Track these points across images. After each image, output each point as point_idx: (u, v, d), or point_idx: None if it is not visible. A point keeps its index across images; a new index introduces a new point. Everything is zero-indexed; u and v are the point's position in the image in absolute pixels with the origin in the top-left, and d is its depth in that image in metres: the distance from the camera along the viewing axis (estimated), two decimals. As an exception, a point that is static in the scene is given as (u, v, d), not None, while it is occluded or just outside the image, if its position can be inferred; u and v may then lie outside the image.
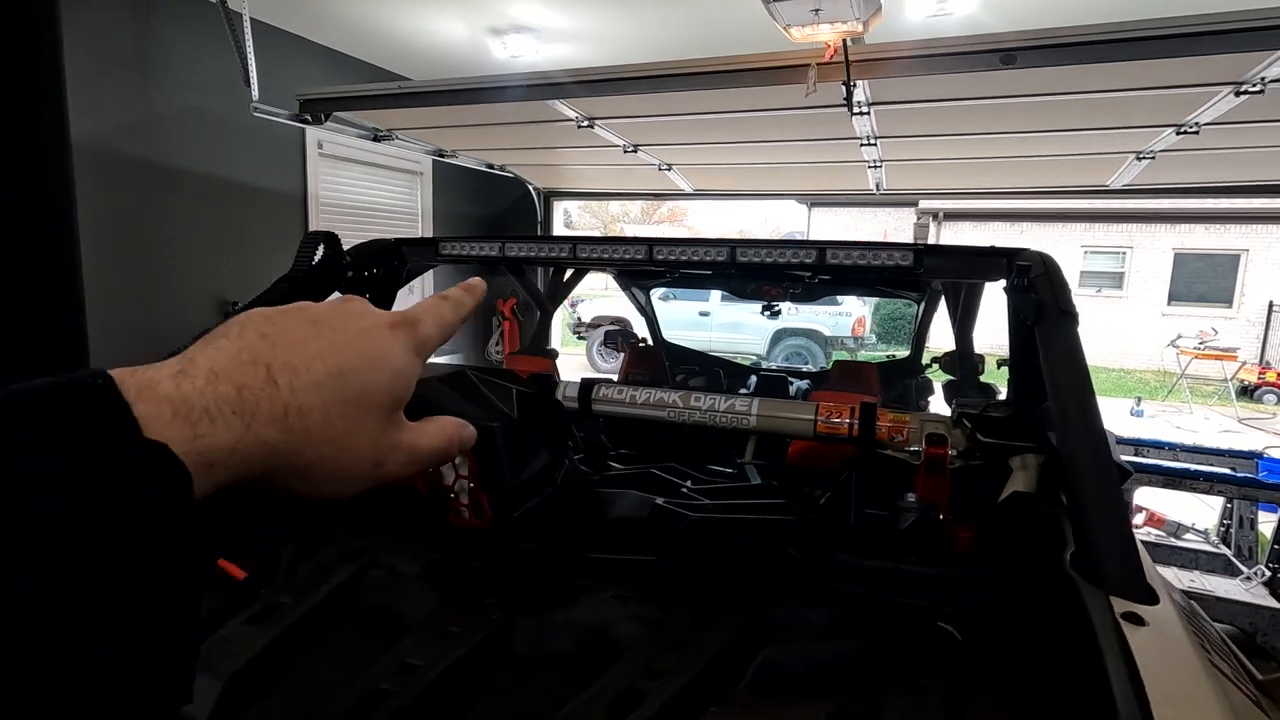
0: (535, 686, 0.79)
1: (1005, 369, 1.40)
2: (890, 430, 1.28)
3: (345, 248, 1.70)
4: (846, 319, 11.47)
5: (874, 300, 12.74)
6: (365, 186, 5.27)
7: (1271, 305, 13.68)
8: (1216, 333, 11.87)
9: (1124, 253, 15.07)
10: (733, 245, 1.44)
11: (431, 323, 0.42)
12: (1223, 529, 4.29)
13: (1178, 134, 3.32)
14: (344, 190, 5.08)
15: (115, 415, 0.28)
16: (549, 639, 0.87)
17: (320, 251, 1.58)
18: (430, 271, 6.08)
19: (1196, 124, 3.18)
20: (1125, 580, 0.72)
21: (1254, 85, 2.64)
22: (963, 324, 2.13)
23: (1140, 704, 0.54)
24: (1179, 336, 11.74)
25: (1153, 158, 3.82)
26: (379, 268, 1.74)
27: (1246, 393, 11.53)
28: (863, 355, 11.92)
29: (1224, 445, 5.14)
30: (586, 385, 1.53)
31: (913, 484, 1.22)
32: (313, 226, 4.82)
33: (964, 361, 2.21)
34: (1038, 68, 2.51)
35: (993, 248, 1.31)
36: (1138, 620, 0.65)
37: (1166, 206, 13.58)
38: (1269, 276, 13.88)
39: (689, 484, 1.38)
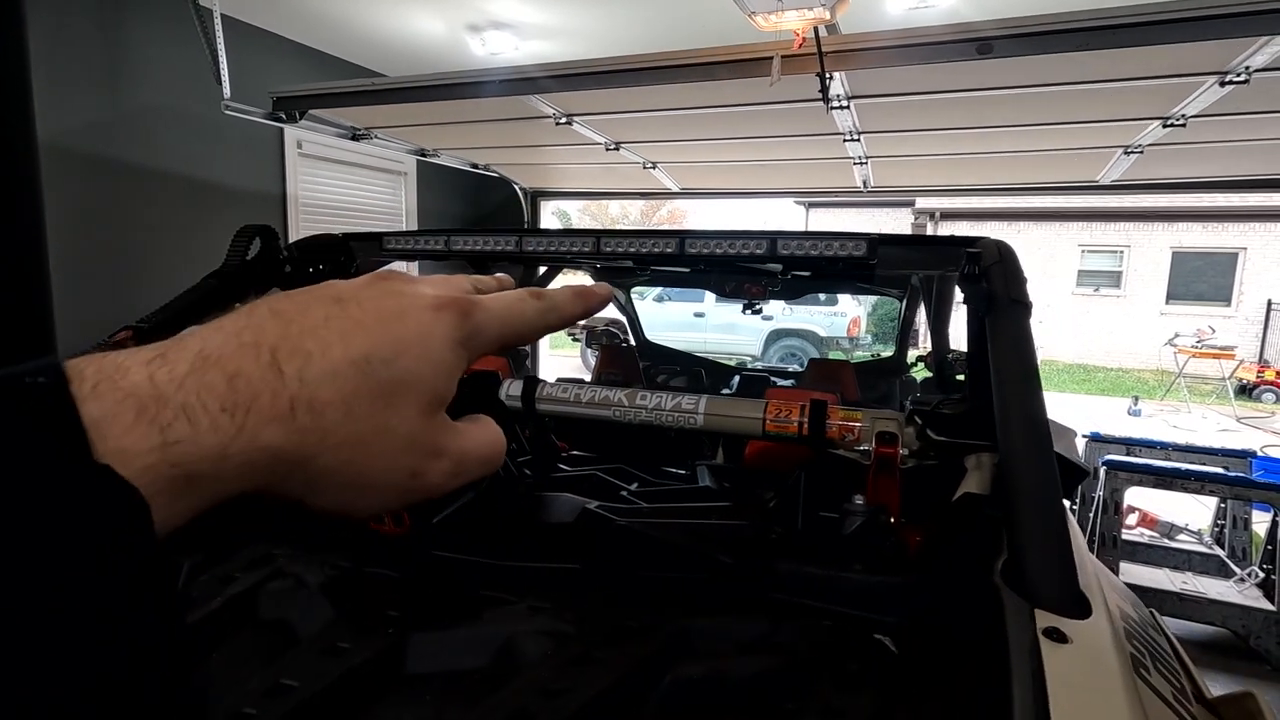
0: (418, 708, 0.72)
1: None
2: (841, 429, 1.21)
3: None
4: (842, 319, 11.42)
5: (870, 301, 12.69)
6: (348, 186, 5.22)
7: (1270, 304, 13.61)
8: (1214, 331, 11.80)
9: (1121, 252, 15.00)
10: (682, 237, 1.37)
11: (495, 313, 0.33)
12: (1216, 529, 4.22)
13: (1164, 127, 3.26)
14: (325, 190, 5.02)
15: (50, 425, 0.21)
16: (445, 655, 0.81)
17: (256, 246, 1.51)
18: (404, 267, 5.94)
19: (1183, 116, 3.12)
20: (1053, 591, 0.66)
21: (1238, 75, 2.58)
22: (937, 319, 2.07)
23: None
24: (1176, 335, 11.67)
25: (1140, 152, 3.75)
26: (323, 264, 1.68)
27: (1245, 391, 11.45)
28: (858, 355, 11.87)
29: (1217, 444, 5.08)
30: (530, 384, 1.47)
31: (864, 486, 1.15)
32: (293, 228, 4.77)
33: (939, 358, 2.14)
34: (1017, 57, 2.45)
35: (949, 236, 1.24)
36: (1059, 637, 0.59)
37: (1163, 204, 13.53)
38: (1267, 275, 13.81)
39: (634, 487, 1.32)
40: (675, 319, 11.23)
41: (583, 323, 13.10)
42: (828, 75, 2.59)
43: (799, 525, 1.17)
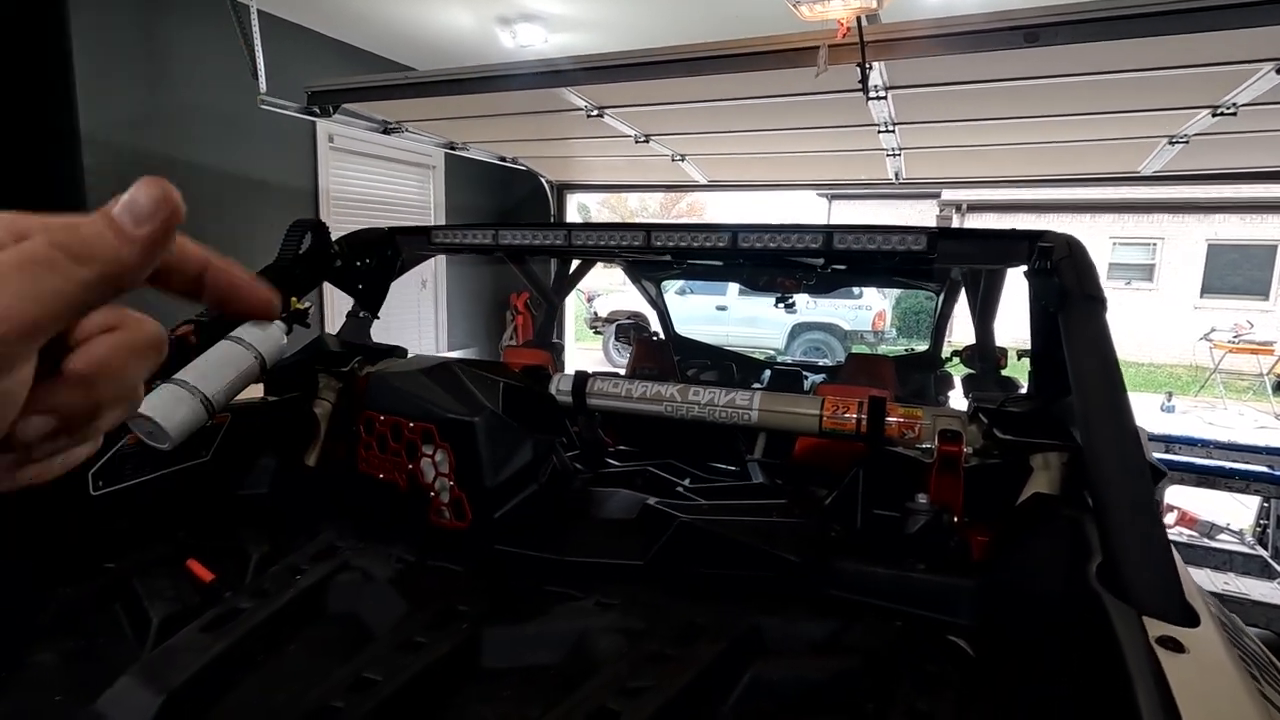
0: (499, 704, 0.73)
1: (1027, 361, 1.32)
2: (901, 426, 1.20)
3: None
4: (866, 313, 11.30)
5: (894, 294, 12.54)
6: (377, 180, 5.26)
7: (1311, 297, 13.22)
8: (1252, 326, 11.49)
9: (1155, 244, 14.66)
10: (734, 230, 1.36)
11: None
12: (1259, 529, 4.12)
13: (1214, 116, 3.16)
14: (356, 184, 5.07)
15: None
16: (520, 651, 0.81)
17: (307, 241, 1.52)
18: (442, 262, 5.99)
19: (1234, 104, 3.03)
20: (1160, 598, 0.64)
21: (1296, 61, 2.49)
22: (983, 315, 2.03)
23: None
24: (1212, 330, 11.38)
25: (1186, 142, 3.65)
26: (370, 258, 1.69)
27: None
28: (883, 350, 11.74)
29: (1261, 442, 4.95)
30: (580, 379, 1.46)
31: (925, 484, 1.13)
32: (325, 220, 4.82)
33: (984, 354, 2.11)
34: (1063, 45, 2.39)
35: (1013, 230, 1.22)
36: (1176, 646, 0.57)
37: (1200, 195, 13.16)
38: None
39: (686, 482, 1.31)
40: (697, 312, 11.18)
41: (605, 314, 13.09)
42: (868, 65, 2.55)
43: (858, 523, 1.16)
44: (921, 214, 16.04)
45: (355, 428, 1.22)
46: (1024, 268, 1.24)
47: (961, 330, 3.58)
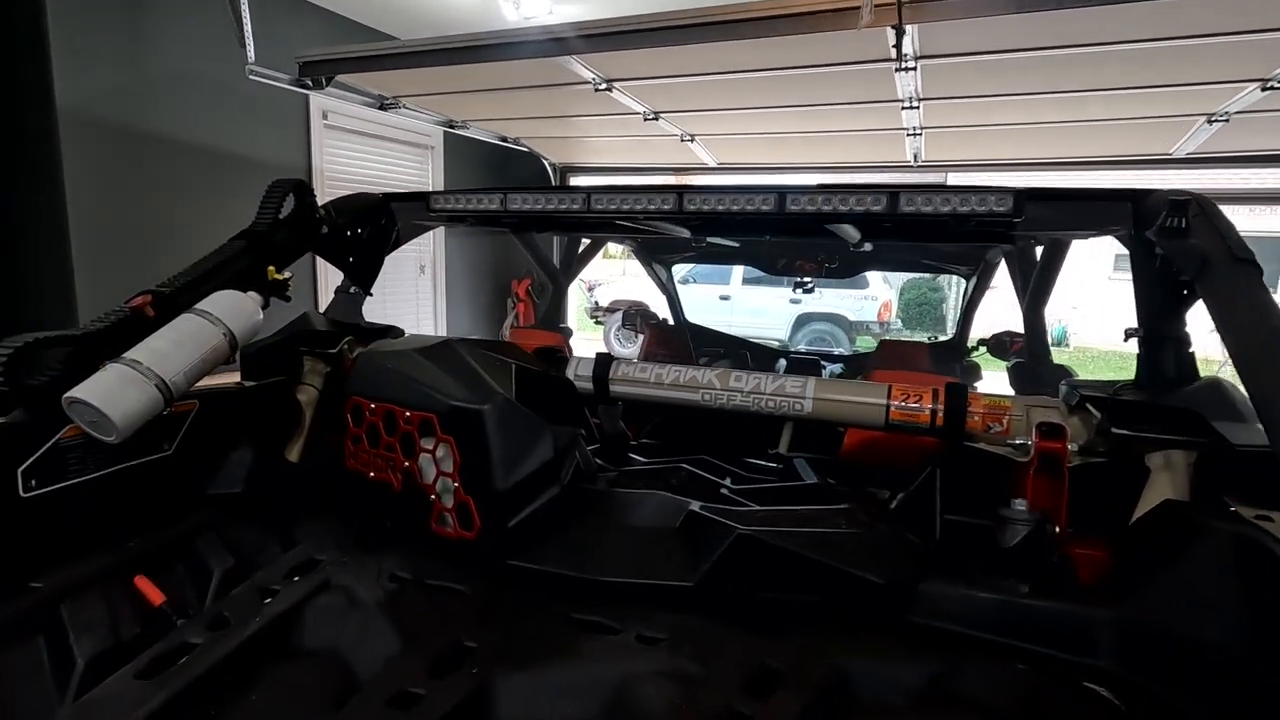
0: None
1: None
2: (985, 418, 1.02)
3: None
4: (872, 303, 11.12)
5: (899, 285, 12.35)
6: (374, 160, 5.06)
7: (1322, 290, 13.05)
8: (1263, 318, 11.34)
9: (1162, 235, 14.45)
10: (782, 192, 1.17)
11: None
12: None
13: (1264, 90, 2.97)
14: (351, 163, 4.86)
15: None
16: (545, 706, 0.63)
17: (290, 204, 1.34)
18: (440, 246, 5.77)
19: (1287, 77, 2.83)
20: None
21: (1369, 26, 2.30)
22: (1035, 297, 1.85)
23: None
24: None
25: (1226, 120, 3.45)
26: (363, 227, 1.50)
27: None
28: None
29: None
30: (603, 362, 1.28)
31: (1017, 487, 0.95)
32: (319, 201, 4.61)
33: (1034, 341, 1.92)
34: (1108, 5, 2.20)
35: (1114, 190, 1.03)
36: None
37: (1222, 185, 12.91)
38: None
39: (728, 482, 1.13)
40: (700, 302, 10.99)
41: (607, 304, 12.96)
42: (903, 28, 2.36)
43: (936, 533, 0.98)
44: (926, 203, 15.78)
45: (343, 416, 1.04)
46: (1126, 234, 1.06)
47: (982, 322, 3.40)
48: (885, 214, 1.13)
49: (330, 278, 4.55)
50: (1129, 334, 1.05)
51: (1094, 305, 14.49)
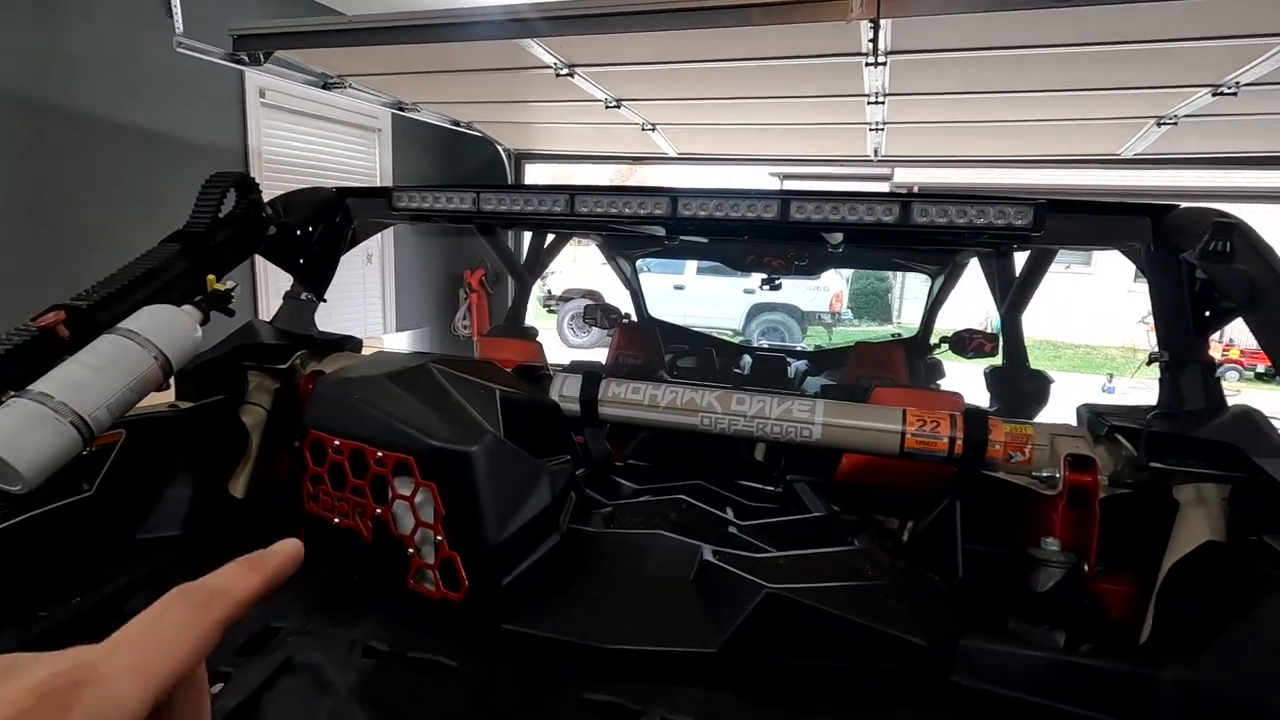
0: None
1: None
2: (1007, 447, 0.96)
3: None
4: (824, 294, 11.26)
5: (849, 274, 12.54)
6: (317, 142, 4.76)
7: (1235, 283, 13.88)
8: (1185, 310, 11.97)
9: (1094, 229, 15.12)
10: (786, 199, 1.09)
11: (125, 669, 0.23)
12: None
13: (1214, 95, 3.05)
14: (292, 146, 4.57)
15: None
16: None
17: (230, 201, 1.18)
18: (389, 233, 5.48)
19: (1237, 84, 2.91)
20: None
21: (1321, 36, 2.36)
22: (1014, 302, 1.82)
23: None
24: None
25: (1175, 123, 3.55)
26: (315, 224, 1.35)
27: (1265, 377, 11.69)
28: (839, 331, 11.76)
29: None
30: (591, 382, 1.17)
31: (1042, 521, 0.90)
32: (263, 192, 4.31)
33: (1012, 344, 1.91)
34: (1087, 5, 2.20)
35: (1134, 204, 0.98)
36: None
37: (1163, 185, 13.55)
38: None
39: (731, 514, 1.05)
40: (655, 290, 10.92)
41: (559, 292, 12.74)
42: (880, 20, 2.30)
43: (959, 571, 0.92)
44: (874, 195, 16.08)
45: (300, 450, 0.91)
46: (1139, 249, 1.01)
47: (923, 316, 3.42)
48: (897, 224, 1.06)
49: (274, 282, 4.27)
50: (1152, 358, 1.01)
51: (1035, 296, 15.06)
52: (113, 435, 0.98)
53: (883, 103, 3.56)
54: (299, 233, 1.34)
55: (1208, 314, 0.97)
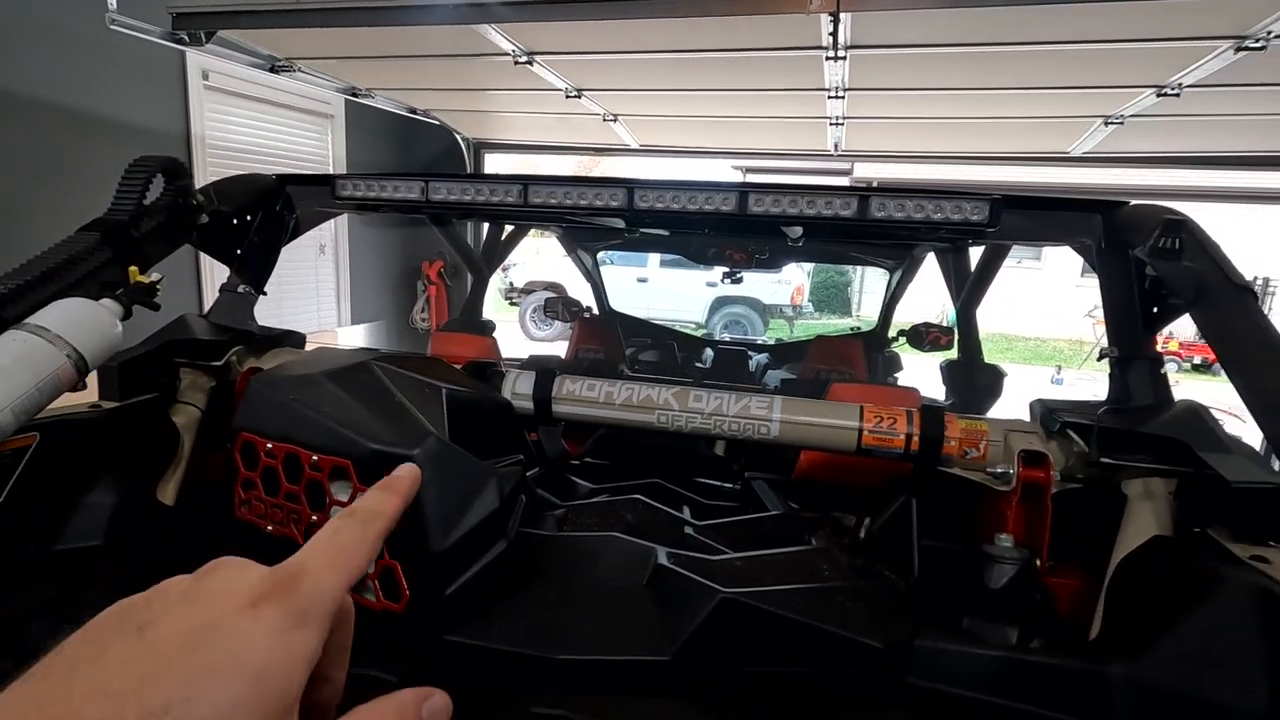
0: None
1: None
2: (962, 443, 0.96)
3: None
4: (786, 287, 11.37)
5: (810, 267, 12.69)
6: (265, 128, 4.58)
7: (1174, 278, 14.48)
8: (1128, 304, 12.43)
9: (1044, 225, 15.59)
10: (744, 191, 1.07)
11: (325, 567, 0.30)
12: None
13: (1158, 96, 3.15)
14: (239, 131, 4.39)
15: None
16: None
17: (157, 187, 1.10)
18: (343, 223, 5.30)
19: (1179, 85, 3.01)
20: None
21: (1257, 40, 2.45)
22: (969, 297, 1.85)
23: None
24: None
25: (1121, 123, 3.66)
26: (253, 214, 1.28)
27: (1202, 368, 12.17)
28: (800, 324, 11.89)
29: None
30: (545, 379, 1.14)
31: (995, 516, 0.90)
32: (200, 173, 4.13)
33: (967, 338, 1.93)
34: (1043, 4, 2.25)
35: (1085, 200, 0.99)
36: None
37: (1112, 182, 14.04)
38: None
39: (688, 514, 1.03)
40: (618, 283, 10.88)
41: (521, 285, 12.55)
42: (840, 13, 2.30)
43: (915, 568, 0.91)
44: (835, 190, 16.29)
45: (231, 453, 0.85)
46: (1089, 245, 1.02)
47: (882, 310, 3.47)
48: (855, 219, 1.05)
49: (222, 276, 4.11)
50: (1103, 354, 1.02)
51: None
52: (24, 439, 0.91)
53: (842, 97, 3.58)
54: (235, 222, 1.26)
55: (1156, 310, 0.99)
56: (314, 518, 0.77)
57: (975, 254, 2.57)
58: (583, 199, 1.14)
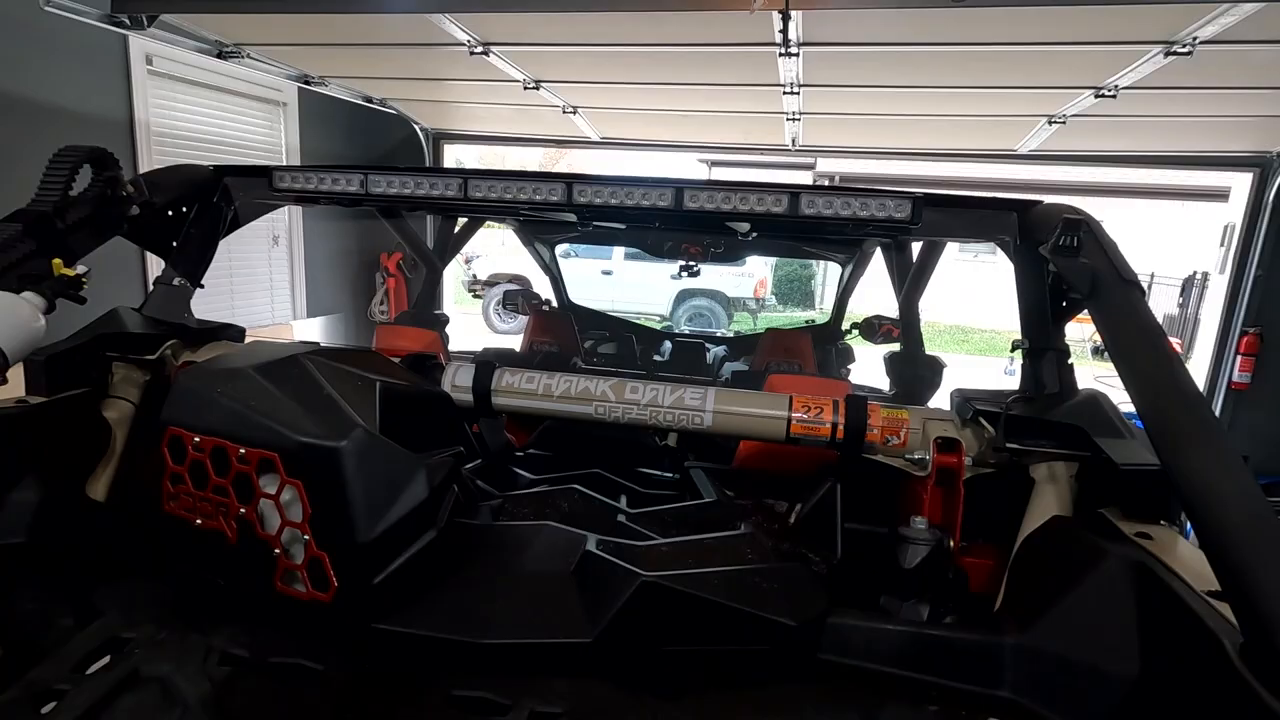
0: None
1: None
2: (884, 431, 1.00)
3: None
4: (749, 280, 11.49)
5: (773, 261, 12.84)
6: (214, 116, 4.46)
7: (1121, 272, 15.03)
8: (1078, 297, 12.88)
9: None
10: (679, 186, 1.09)
11: None
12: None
13: (1096, 97, 3.27)
14: (185, 119, 4.26)
15: None
16: None
17: (84, 179, 1.08)
18: (297, 214, 5.22)
19: (1115, 87, 3.13)
20: None
21: (1184, 46, 2.56)
22: (910, 290, 1.91)
23: None
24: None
25: (1063, 122, 3.79)
26: (188, 205, 1.26)
27: (1098, 353, 12.64)
28: (763, 317, 12.03)
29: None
30: (484, 372, 1.15)
31: (914, 500, 0.94)
32: (144, 162, 4.00)
33: (909, 331, 2.00)
34: (983, 7, 2.32)
35: (1001, 198, 1.04)
36: None
37: (1049, 179, 14.41)
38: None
39: (624, 503, 1.05)
40: (583, 276, 10.87)
41: (485, 277, 12.48)
42: (789, 13, 2.34)
43: (838, 550, 0.96)
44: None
45: (159, 448, 0.85)
46: (1009, 242, 1.07)
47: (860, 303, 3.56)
48: (786, 215, 1.08)
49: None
50: (1014, 345, 1.08)
51: (943, 284, 15.86)
52: (-56, 434, 0.89)
53: (797, 93, 3.63)
54: (170, 214, 1.24)
55: (1064, 304, 1.04)
56: (241, 510, 0.77)
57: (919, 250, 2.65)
58: (522, 193, 1.15)
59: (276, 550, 0.76)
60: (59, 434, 1.04)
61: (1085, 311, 1.07)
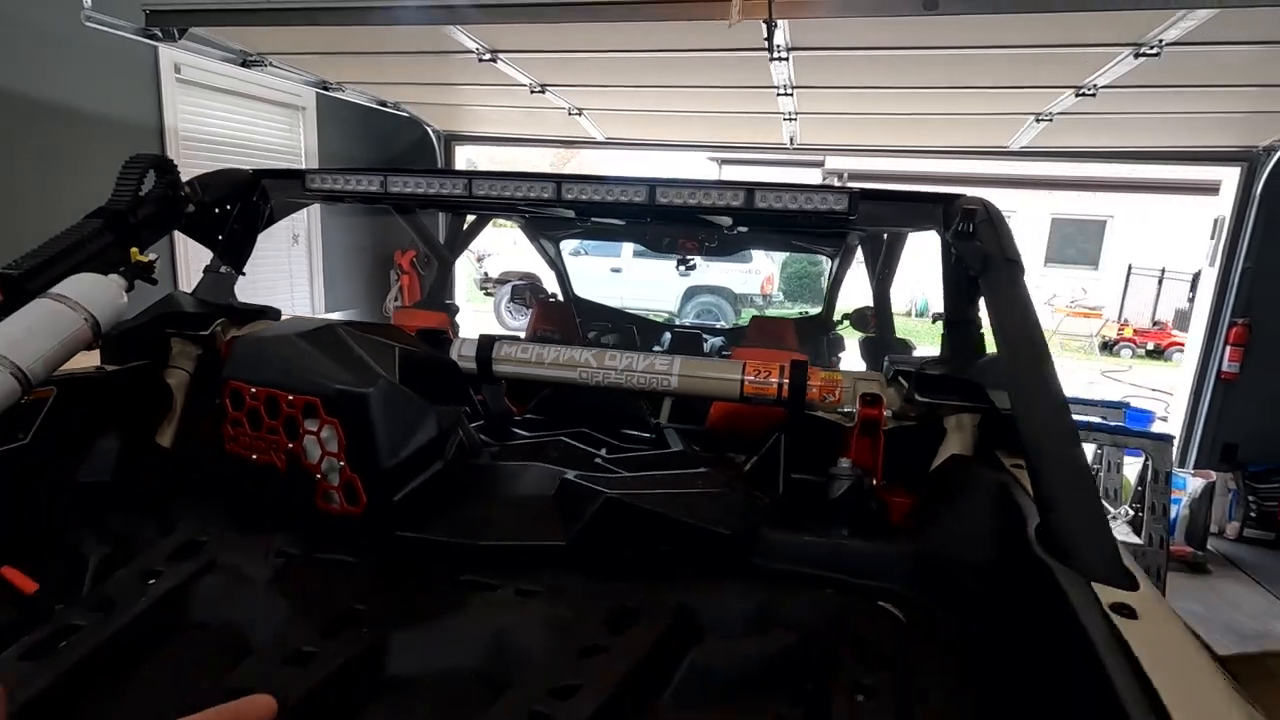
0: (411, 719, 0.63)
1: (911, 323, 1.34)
2: (822, 390, 1.18)
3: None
4: (756, 277, 11.62)
5: (781, 258, 12.97)
6: (237, 121, 4.69)
7: (1130, 267, 15.00)
8: (1086, 292, 12.91)
9: (1009, 216, 16.05)
10: (652, 185, 1.28)
11: None
12: (1093, 472, 4.64)
13: (1076, 96, 3.41)
14: (211, 123, 4.49)
15: None
16: (433, 655, 0.71)
17: (150, 181, 1.29)
18: (316, 213, 5.47)
19: (1094, 86, 3.27)
20: (1106, 564, 0.64)
21: (1152, 48, 2.71)
22: (881, 279, 2.08)
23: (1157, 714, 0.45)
24: (1054, 296, 12.68)
25: (1050, 120, 3.93)
26: (232, 203, 1.46)
27: (1107, 348, 12.65)
28: (771, 313, 12.16)
29: (1096, 396, 5.56)
30: (485, 343, 1.34)
31: (846, 448, 1.13)
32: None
33: (881, 317, 2.17)
34: (957, 15, 2.47)
35: (929, 193, 1.21)
36: (1129, 612, 0.57)
37: (1052, 173, 14.46)
38: (1129, 240, 15.21)
39: (603, 453, 1.24)
40: (592, 274, 11.06)
41: (496, 275, 12.62)
42: (774, 22, 2.51)
43: (780, 490, 1.14)
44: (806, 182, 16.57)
45: (220, 401, 1.05)
46: (940, 231, 1.24)
47: (850, 296, 3.72)
48: (743, 208, 1.26)
49: (193, 258, 4.21)
50: (936, 317, 1.25)
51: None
52: (44, 391, 1.09)
53: (791, 95, 3.80)
54: (217, 211, 1.44)
55: (971, 283, 1.21)
56: (290, 446, 0.97)
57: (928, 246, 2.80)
58: (519, 191, 1.34)
59: (318, 475, 0.95)
60: (130, 396, 1.24)
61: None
